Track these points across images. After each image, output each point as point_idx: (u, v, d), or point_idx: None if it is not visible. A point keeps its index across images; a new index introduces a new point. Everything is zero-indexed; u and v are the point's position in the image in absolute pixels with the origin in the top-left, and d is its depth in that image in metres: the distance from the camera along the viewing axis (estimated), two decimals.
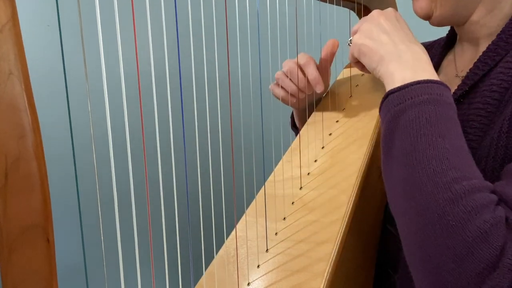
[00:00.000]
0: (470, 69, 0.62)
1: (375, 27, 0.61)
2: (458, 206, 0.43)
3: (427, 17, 0.66)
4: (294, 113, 0.94)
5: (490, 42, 0.61)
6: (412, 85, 0.52)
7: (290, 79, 0.78)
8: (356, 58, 0.65)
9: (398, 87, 0.53)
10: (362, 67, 0.67)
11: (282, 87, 0.80)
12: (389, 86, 0.55)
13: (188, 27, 0.51)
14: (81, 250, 0.42)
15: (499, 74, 0.58)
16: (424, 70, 0.55)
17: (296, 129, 0.95)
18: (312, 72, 0.76)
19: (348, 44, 0.67)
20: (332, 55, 0.78)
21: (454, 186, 0.44)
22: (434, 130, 0.48)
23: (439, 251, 0.43)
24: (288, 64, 0.78)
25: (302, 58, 0.77)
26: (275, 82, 0.82)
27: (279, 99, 0.82)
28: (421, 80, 0.52)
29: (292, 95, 0.80)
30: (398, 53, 0.57)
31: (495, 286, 0.41)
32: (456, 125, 0.50)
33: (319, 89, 0.77)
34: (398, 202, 0.49)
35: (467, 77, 0.62)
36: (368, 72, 0.68)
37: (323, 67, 0.79)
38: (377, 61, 0.59)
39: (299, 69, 0.77)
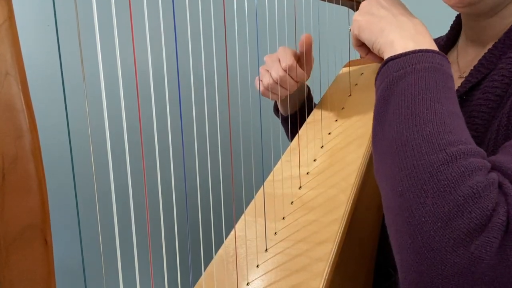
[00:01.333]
0: (474, 66, 0.62)
1: (374, 4, 0.62)
2: (451, 167, 0.43)
3: (471, 3, 0.63)
4: (277, 102, 0.95)
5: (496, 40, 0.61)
6: (413, 53, 0.51)
7: (269, 74, 0.81)
8: (358, 41, 0.64)
9: (400, 53, 0.52)
10: (366, 51, 0.66)
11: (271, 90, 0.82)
12: (389, 54, 0.55)
13: (186, 28, 0.51)
14: (79, 250, 0.41)
15: (501, 69, 0.58)
16: (425, 41, 0.54)
17: (277, 113, 0.96)
18: (300, 75, 0.78)
19: (350, 30, 0.67)
20: (309, 47, 0.79)
21: (449, 148, 0.44)
22: (432, 96, 0.48)
23: (426, 210, 0.42)
24: (275, 69, 0.79)
25: (284, 60, 0.78)
26: (259, 78, 0.83)
27: (269, 98, 0.84)
28: (423, 49, 0.52)
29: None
30: (398, 24, 0.57)
31: (483, 246, 0.40)
32: (453, 94, 0.50)
33: (304, 79, 0.81)
34: (386, 165, 0.48)
35: (470, 74, 0.61)
36: (373, 58, 0.66)
37: (306, 60, 0.80)
38: (377, 33, 0.58)
39: (278, 63, 0.79)
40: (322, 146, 0.73)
